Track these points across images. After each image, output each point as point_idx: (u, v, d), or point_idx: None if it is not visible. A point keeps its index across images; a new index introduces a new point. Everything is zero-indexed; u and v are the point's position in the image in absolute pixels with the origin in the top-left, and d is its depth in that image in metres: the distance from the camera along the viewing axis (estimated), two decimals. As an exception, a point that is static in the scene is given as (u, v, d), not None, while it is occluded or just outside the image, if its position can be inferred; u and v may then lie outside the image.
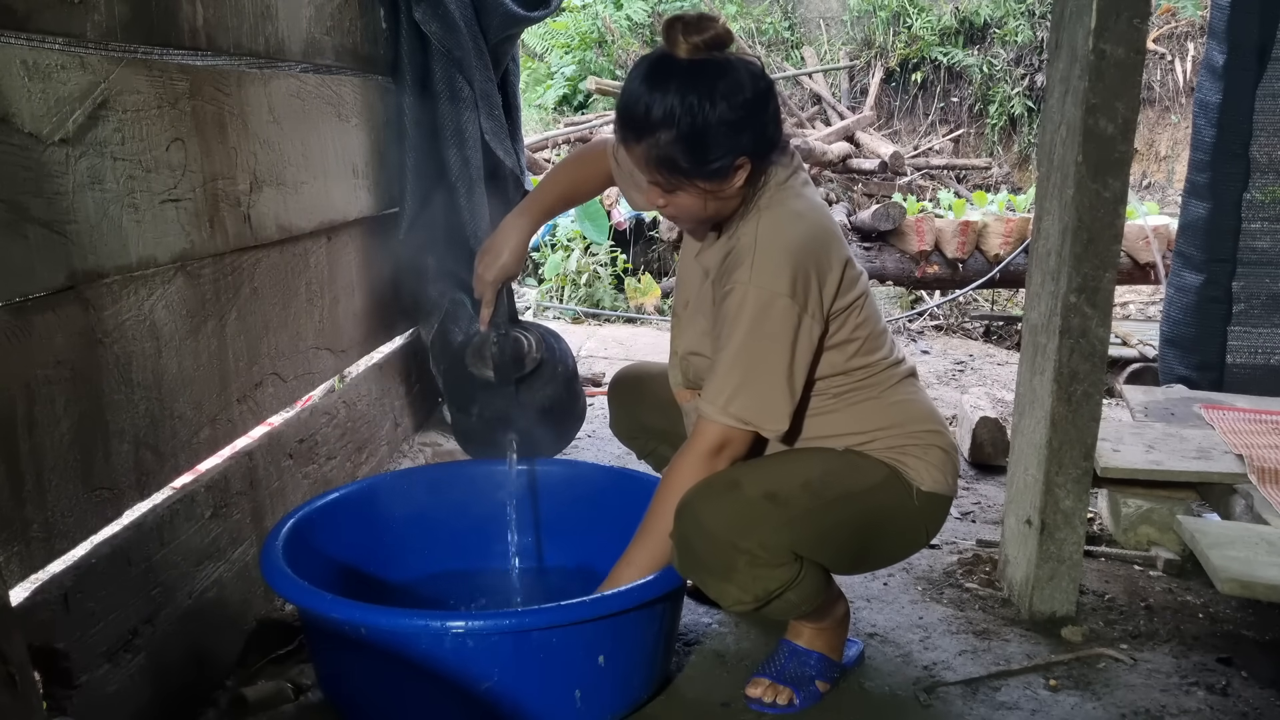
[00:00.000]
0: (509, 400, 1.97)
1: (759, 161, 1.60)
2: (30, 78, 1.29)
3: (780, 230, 1.59)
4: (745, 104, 1.53)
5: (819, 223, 1.63)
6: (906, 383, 1.74)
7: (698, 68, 1.52)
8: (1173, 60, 8.73)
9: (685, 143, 1.52)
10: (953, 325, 5.39)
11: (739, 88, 1.53)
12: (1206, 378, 3.25)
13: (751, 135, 1.56)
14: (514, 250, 1.88)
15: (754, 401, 1.57)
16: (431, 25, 2.54)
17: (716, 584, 1.59)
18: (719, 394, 1.58)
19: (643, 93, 1.53)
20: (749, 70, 1.56)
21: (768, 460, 1.68)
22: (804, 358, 1.58)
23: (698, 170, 1.55)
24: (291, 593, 1.58)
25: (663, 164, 1.55)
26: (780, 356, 1.56)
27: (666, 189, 1.59)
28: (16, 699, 0.95)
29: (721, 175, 1.56)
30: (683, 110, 1.50)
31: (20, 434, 1.28)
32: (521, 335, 1.98)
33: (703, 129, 1.51)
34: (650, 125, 1.52)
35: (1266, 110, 3.12)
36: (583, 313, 5.40)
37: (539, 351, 1.97)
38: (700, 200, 1.59)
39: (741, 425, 1.58)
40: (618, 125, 1.60)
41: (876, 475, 1.66)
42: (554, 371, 2.00)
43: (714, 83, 1.51)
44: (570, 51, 9.61)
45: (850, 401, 1.69)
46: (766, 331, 1.55)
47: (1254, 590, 1.85)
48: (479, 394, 1.98)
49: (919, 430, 1.69)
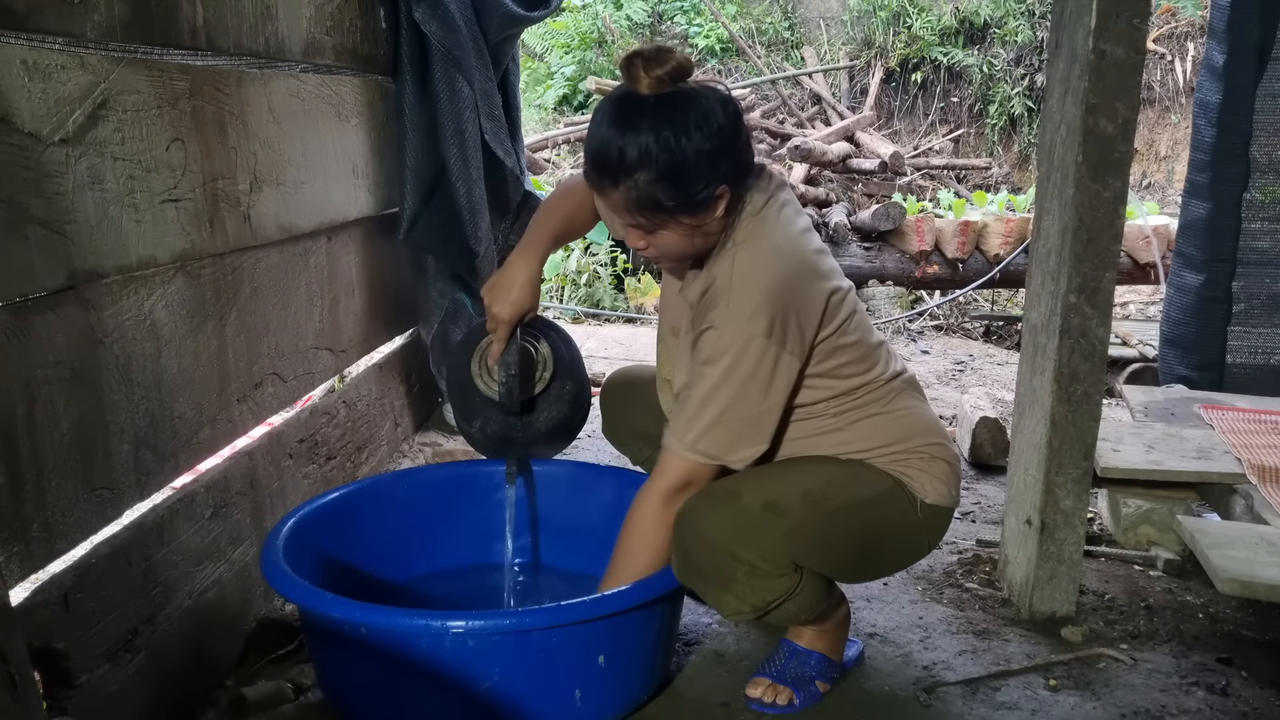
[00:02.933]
0: (513, 423, 1.93)
1: (737, 188, 1.58)
2: (30, 78, 1.29)
3: (756, 267, 1.56)
4: (719, 132, 1.50)
5: (797, 255, 1.60)
6: (906, 394, 1.73)
7: (666, 101, 1.49)
8: (1173, 60, 8.73)
9: (666, 181, 1.48)
10: (953, 325, 5.38)
11: (710, 116, 1.50)
12: (1206, 378, 3.25)
13: (729, 162, 1.53)
14: (526, 285, 1.79)
15: (724, 439, 1.56)
16: (431, 25, 2.54)
17: (715, 593, 1.59)
18: (688, 430, 1.56)
19: (613, 136, 1.48)
20: (717, 97, 1.53)
21: (768, 469, 1.66)
22: (780, 395, 1.57)
23: (681, 207, 1.51)
24: (291, 592, 1.58)
25: (644, 205, 1.51)
26: (754, 396, 1.54)
27: (648, 229, 1.55)
28: (16, 699, 0.95)
29: (704, 208, 1.53)
30: (659, 148, 1.46)
31: (20, 434, 1.28)
32: (532, 349, 1.91)
33: (681, 164, 1.48)
34: (626, 168, 1.48)
35: (1266, 110, 3.12)
36: (583, 313, 5.40)
37: (548, 370, 1.92)
38: (685, 237, 1.56)
39: (709, 461, 1.57)
40: (590, 172, 1.55)
41: (880, 486, 1.65)
42: (561, 391, 1.94)
43: (685, 114, 1.48)
44: (570, 51, 9.61)
45: (851, 420, 1.68)
46: (742, 372, 1.53)
47: (1254, 590, 1.85)
48: (482, 409, 1.94)
49: (923, 444, 1.68)
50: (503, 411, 1.91)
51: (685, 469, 1.58)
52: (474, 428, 1.98)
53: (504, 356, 1.83)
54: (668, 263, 1.68)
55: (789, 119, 7.88)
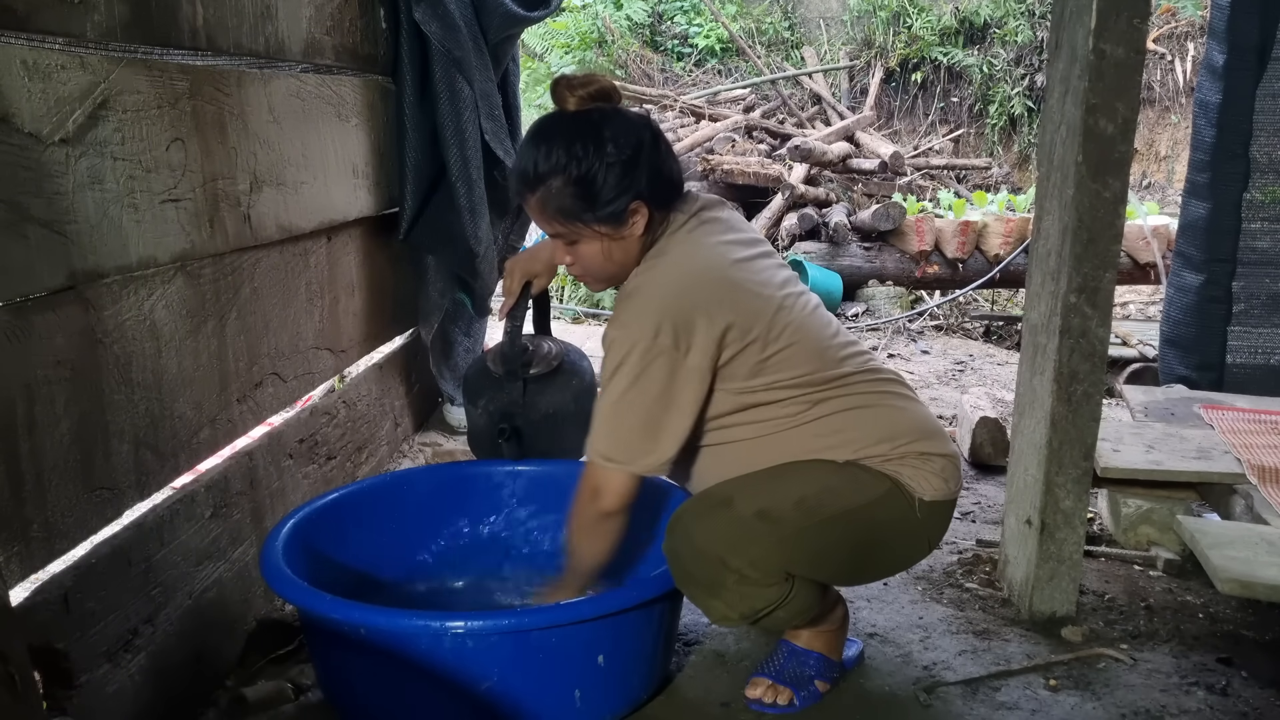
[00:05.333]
0: (515, 396, 2.03)
1: (656, 207, 1.63)
2: (30, 78, 1.29)
3: (656, 277, 1.62)
4: (631, 145, 1.59)
5: (702, 265, 1.63)
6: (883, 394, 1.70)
7: (583, 117, 1.60)
8: (1173, 60, 8.73)
9: (576, 186, 1.57)
10: (953, 325, 5.38)
11: (625, 132, 1.59)
12: (1206, 378, 3.25)
13: (643, 177, 1.60)
14: (545, 258, 1.93)
15: (615, 441, 1.59)
16: (431, 25, 2.54)
17: (703, 599, 1.60)
18: (591, 436, 1.61)
19: (531, 148, 1.61)
20: (634, 118, 1.64)
21: (763, 476, 1.65)
22: (683, 397, 1.58)
23: (591, 214, 1.59)
24: (291, 593, 1.58)
25: (559, 212, 1.60)
26: (649, 402, 1.56)
27: (569, 239, 1.64)
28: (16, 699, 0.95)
29: (617, 219, 1.60)
30: (568, 156, 1.57)
31: (20, 434, 1.28)
32: (545, 342, 2.06)
33: (591, 171, 1.57)
34: (540, 176, 1.59)
35: (1266, 110, 3.12)
36: (583, 313, 5.40)
37: (557, 359, 2.05)
38: (601, 248, 1.63)
39: (607, 464, 1.60)
40: (513, 184, 1.66)
41: (877, 489, 1.63)
42: (567, 382, 2.06)
43: (599, 128, 1.58)
44: (570, 51, 9.60)
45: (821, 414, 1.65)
46: (626, 375, 1.56)
47: (1254, 590, 1.85)
48: (489, 388, 2.07)
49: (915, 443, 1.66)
50: (505, 369, 2.02)
51: (595, 476, 1.62)
52: (478, 408, 2.09)
53: (512, 310, 1.96)
54: (594, 281, 1.73)
55: (789, 119, 7.87)
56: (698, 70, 9.45)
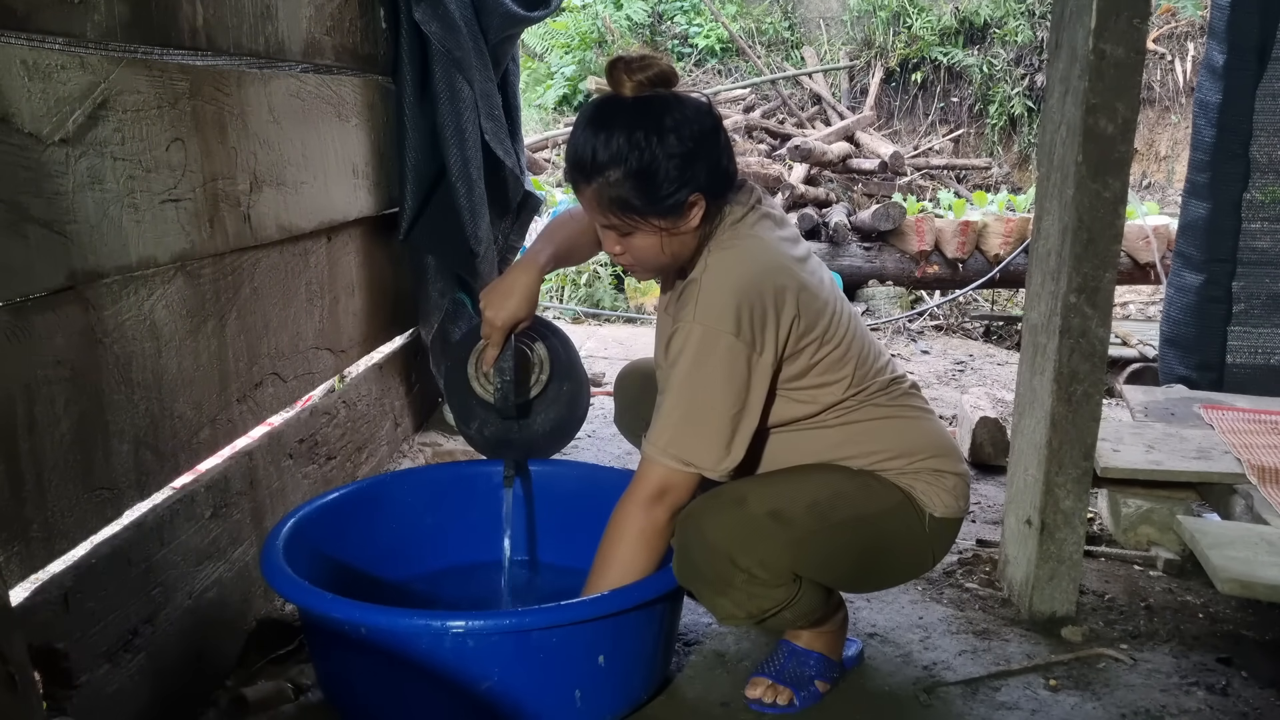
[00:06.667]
0: (510, 426, 1.95)
1: (713, 199, 1.58)
2: (30, 78, 1.29)
3: (727, 269, 1.56)
4: (693, 136, 1.52)
5: (770, 259, 1.59)
6: (911, 404, 1.71)
7: (643, 104, 1.52)
8: (1173, 60, 8.73)
9: (635, 179, 1.51)
10: (953, 325, 5.38)
11: (686, 121, 1.52)
12: (1206, 378, 3.25)
13: (704, 169, 1.54)
14: (523, 294, 1.79)
15: (695, 442, 1.54)
16: (431, 25, 2.54)
17: (711, 596, 1.59)
18: (660, 434, 1.55)
19: (589, 135, 1.52)
20: (696, 105, 1.56)
21: (779, 477, 1.65)
22: (753, 398, 1.55)
23: (650, 208, 1.53)
24: (291, 592, 1.58)
25: (615, 204, 1.53)
26: (724, 396, 1.53)
27: (622, 232, 1.58)
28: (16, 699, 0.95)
29: (675, 212, 1.54)
30: (629, 147, 1.49)
31: (20, 434, 1.28)
32: (527, 350, 1.91)
33: (651, 164, 1.50)
34: (598, 166, 1.51)
35: (1266, 110, 3.12)
36: (583, 313, 5.40)
37: (545, 372, 1.93)
38: (656, 241, 1.57)
39: (682, 467, 1.55)
40: (568, 169, 1.58)
41: (889, 500, 1.64)
42: (559, 392, 1.96)
43: (660, 118, 1.51)
44: (570, 51, 9.61)
45: (850, 422, 1.66)
46: (709, 371, 1.52)
47: (1254, 590, 1.85)
48: (479, 411, 1.95)
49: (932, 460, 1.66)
50: (499, 416, 1.92)
51: (659, 475, 1.56)
52: (472, 429, 1.99)
53: (498, 362, 1.84)
54: (643, 272, 1.67)
55: (789, 119, 7.87)
56: (698, 70, 9.45)
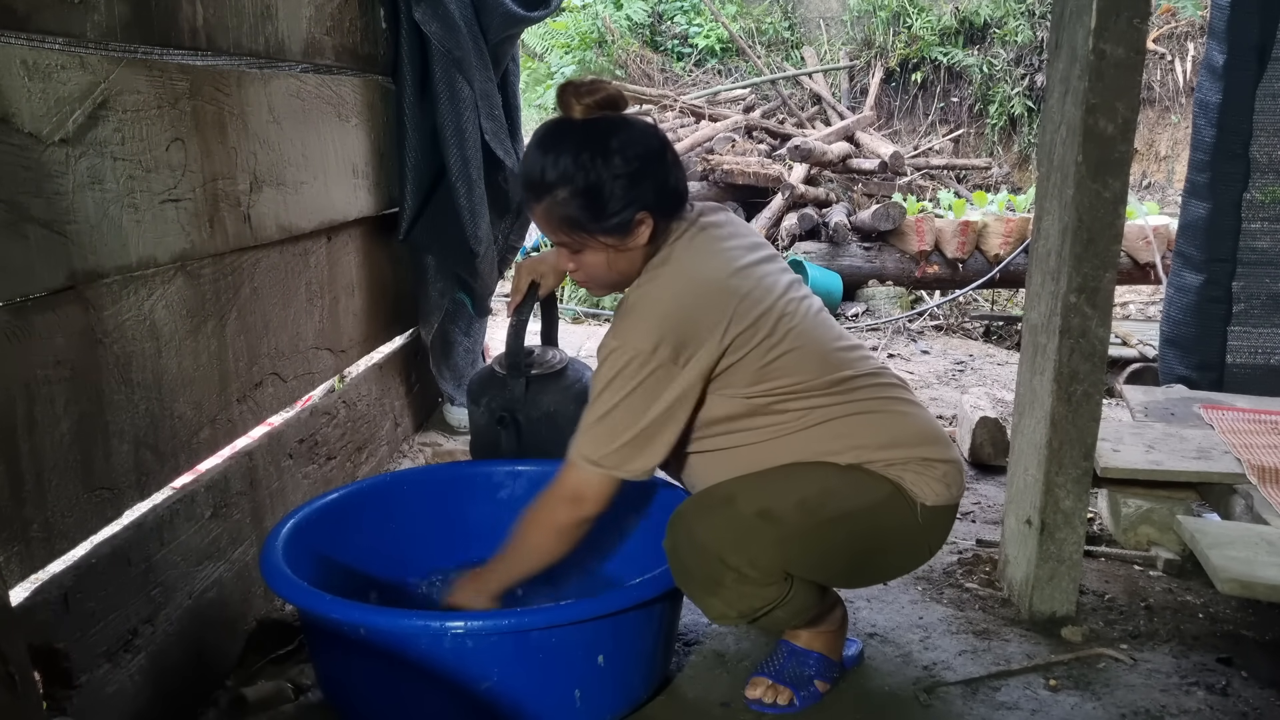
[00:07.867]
0: (517, 393, 2.07)
1: (662, 217, 1.62)
2: (30, 78, 1.29)
3: (655, 287, 1.61)
4: (639, 156, 1.58)
5: (703, 274, 1.61)
6: (888, 399, 1.69)
7: (590, 127, 1.58)
8: (1173, 60, 8.73)
9: (582, 198, 1.57)
10: (953, 325, 5.38)
11: (632, 143, 1.58)
12: (1206, 378, 3.25)
13: (651, 188, 1.59)
14: (553, 262, 1.91)
15: (608, 449, 1.57)
16: (431, 25, 2.54)
17: (702, 596, 1.60)
18: (579, 438, 1.59)
19: (539, 155, 1.59)
20: (642, 127, 1.62)
21: (767, 476, 1.65)
22: (672, 409, 1.57)
23: (597, 225, 1.59)
24: (291, 593, 1.58)
25: (564, 222, 1.59)
26: (638, 409, 1.55)
27: (573, 249, 1.64)
28: (16, 699, 0.95)
29: (623, 230, 1.59)
30: (575, 167, 1.55)
31: (20, 434, 1.28)
32: (551, 350, 2.14)
33: (597, 183, 1.56)
34: (547, 185, 1.57)
35: (1266, 110, 3.12)
36: (583, 313, 5.40)
37: (561, 363, 2.12)
38: (605, 258, 1.63)
39: (596, 469, 1.57)
40: (521, 190, 1.65)
41: (879, 493, 1.63)
42: (570, 385, 2.10)
43: (606, 139, 1.57)
44: (570, 51, 9.61)
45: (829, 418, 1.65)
46: (625, 385, 1.55)
47: (1254, 590, 1.85)
48: (492, 387, 2.12)
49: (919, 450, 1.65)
50: (507, 365, 2.06)
51: (575, 477, 1.60)
52: (480, 406, 2.13)
53: (519, 306, 1.97)
54: (596, 287, 1.72)
55: (789, 119, 7.87)
56: (698, 70, 9.45)
